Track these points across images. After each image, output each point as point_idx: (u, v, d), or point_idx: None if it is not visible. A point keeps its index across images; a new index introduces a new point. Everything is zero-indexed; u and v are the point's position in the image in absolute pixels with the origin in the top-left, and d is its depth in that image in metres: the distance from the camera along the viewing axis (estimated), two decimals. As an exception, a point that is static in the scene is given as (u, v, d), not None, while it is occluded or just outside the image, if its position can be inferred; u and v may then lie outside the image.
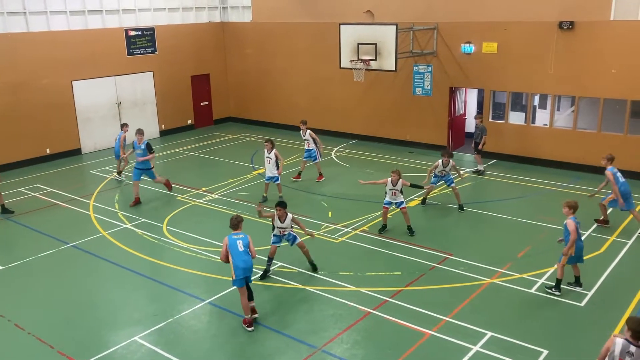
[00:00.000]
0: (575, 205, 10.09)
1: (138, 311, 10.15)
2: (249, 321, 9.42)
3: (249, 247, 9.41)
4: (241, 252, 9.29)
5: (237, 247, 9.30)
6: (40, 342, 9.19)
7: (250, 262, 9.39)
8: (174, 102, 23.80)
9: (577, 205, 10.10)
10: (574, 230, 9.88)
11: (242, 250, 9.31)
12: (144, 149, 15.27)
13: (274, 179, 15.06)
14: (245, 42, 24.68)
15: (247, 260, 9.31)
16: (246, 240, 9.44)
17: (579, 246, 10.10)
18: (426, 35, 19.34)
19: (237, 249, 9.29)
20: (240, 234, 9.48)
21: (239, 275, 9.25)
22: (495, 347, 8.67)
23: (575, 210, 10.08)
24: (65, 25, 20.29)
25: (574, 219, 10.00)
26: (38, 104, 19.57)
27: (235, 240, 9.36)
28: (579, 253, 10.16)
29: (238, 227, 9.56)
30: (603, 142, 16.83)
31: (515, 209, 14.45)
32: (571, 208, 10.08)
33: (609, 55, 16.22)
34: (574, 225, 9.91)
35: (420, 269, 11.27)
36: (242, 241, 9.38)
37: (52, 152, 20.16)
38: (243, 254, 9.29)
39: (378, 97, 20.98)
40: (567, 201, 10.22)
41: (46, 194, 16.55)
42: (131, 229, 13.63)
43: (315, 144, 16.58)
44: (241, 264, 9.23)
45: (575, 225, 9.93)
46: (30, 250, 12.64)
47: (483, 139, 17.18)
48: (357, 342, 8.98)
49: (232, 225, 9.54)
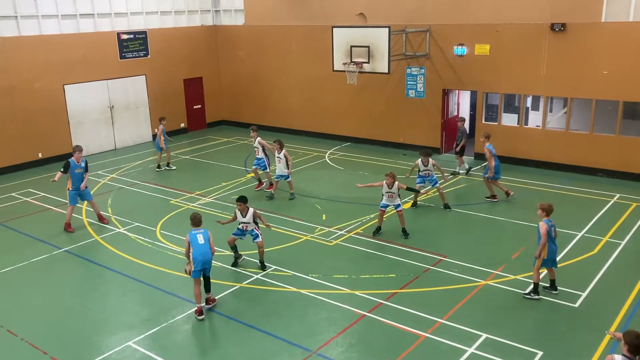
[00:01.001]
0: (548, 208, 10.06)
1: (132, 316, 10.10)
2: (200, 310, 9.91)
3: (209, 241, 9.99)
4: (201, 244, 9.88)
5: (197, 240, 9.90)
6: (33, 348, 9.12)
7: (209, 255, 9.94)
8: (166, 106, 23.72)
9: (550, 209, 10.06)
10: (544, 233, 9.85)
11: (202, 243, 9.91)
12: (83, 167, 13.88)
13: (284, 177, 15.59)
14: (238, 45, 24.66)
15: (206, 253, 9.87)
16: (206, 235, 10.06)
17: (551, 249, 10.02)
18: (419, 37, 19.39)
19: (197, 242, 9.88)
20: (201, 229, 10.11)
21: (197, 267, 9.82)
22: (490, 349, 8.67)
23: (548, 213, 10.04)
24: (57, 29, 20.21)
25: (547, 221, 9.97)
26: (30, 108, 19.46)
27: (195, 235, 9.97)
28: (552, 256, 10.10)
29: (199, 224, 10.18)
30: (595, 143, 16.92)
31: (509, 210, 14.49)
32: (544, 211, 10.06)
33: (601, 56, 16.31)
34: (545, 228, 9.88)
35: (414, 271, 11.27)
36: (203, 235, 10.00)
37: (44, 157, 20.04)
38: (202, 247, 9.87)
39: (371, 100, 21.01)
40: (541, 204, 10.19)
41: (38, 198, 16.45)
42: (124, 233, 13.57)
43: (264, 152, 16.14)
44: (200, 256, 9.78)
45: (547, 228, 9.89)
46: (23, 255, 12.55)
47: (462, 141, 17.25)
48: (352, 345, 8.96)
49: (194, 223, 10.16)
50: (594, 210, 14.17)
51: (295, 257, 12.01)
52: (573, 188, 15.99)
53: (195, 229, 10.09)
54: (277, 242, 12.75)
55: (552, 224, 10.02)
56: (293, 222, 13.94)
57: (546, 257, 9.99)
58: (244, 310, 10.07)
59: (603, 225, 13.29)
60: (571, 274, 11.00)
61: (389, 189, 12.80)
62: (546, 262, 10.05)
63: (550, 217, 10.05)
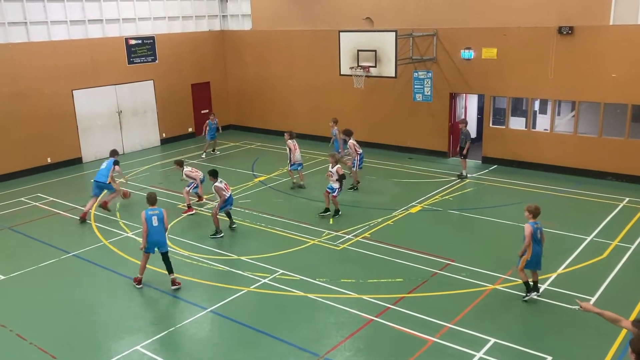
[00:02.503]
0: (534, 210, 10.01)
1: (139, 320, 10.13)
2: (139, 280, 11.01)
3: (163, 221, 10.79)
4: (155, 227, 10.74)
5: (152, 222, 10.73)
6: (42, 352, 9.15)
7: (162, 236, 10.81)
8: (174, 111, 23.83)
9: (536, 211, 10.00)
10: (528, 235, 9.84)
11: (156, 225, 10.74)
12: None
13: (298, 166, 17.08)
14: (245, 50, 24.75)
15: (158, 234, 10.77)
16: (161, 214, 10.81)
17: (536, 251, 9.98)
18: (426, 41, 19.38)
19: (152, 224, 10.73)
20: (156, 210, 10.85)
21: (150, 246, 10.83)
22: (499, 354, 8.63)
23: (534, 215, 10.00)
24: (66, 34, 20.36)
25: (532, 224, 9.94)
26: (39, 113, 19.61)
27: (151, 216, 10.75)
28: (537, 259, 10.05)
29: (154, 203, 10.98)
30: (604, 147, 16.83)
31: (517, 214, 14.36)
32: (530, 212, 10.03)
33: (609, 59, 16.23)
34: (529, 229, 9.86)
35: (422, 276, 11.24)
36: (157, 216, 10.77)
37: (53, 162, 20.17)
38: (156, 229, 10.74)
39: (378, 104, 21.00)
40: (528, 205, 10.17)
41: (47, 203, 16.55)
42: (132, 237, 13.61)
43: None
44: (153, 236, 10.75)
45: (532, 229, 9.86)
46: (32, 259, 12.62)
47: (467, 144, 17.17)
48: (360, 350, 8.94)
49: (149, 202, 10.96)
50: (603, 214, 14.08)
51: (302, 262, 12.01)
52: (582, 192, 15.91)
53: (151, 208, 10.82)
54: (284, 247, 12.76)
55: (537, 227, 10.00)
56: (300, 227, 13.94)
57: (530, 259, 9.97)
58: (252, 314, 10.06)
59: (612, 229, 13.20)
60: (580, 278, 10.94)
61: (330, 169, 14.02)
62: (530, 263, 10.03)
63: (537, 219, 10.03)
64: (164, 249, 10.95)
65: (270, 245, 12.92)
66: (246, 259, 12.21)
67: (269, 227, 14.05)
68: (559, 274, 11.10)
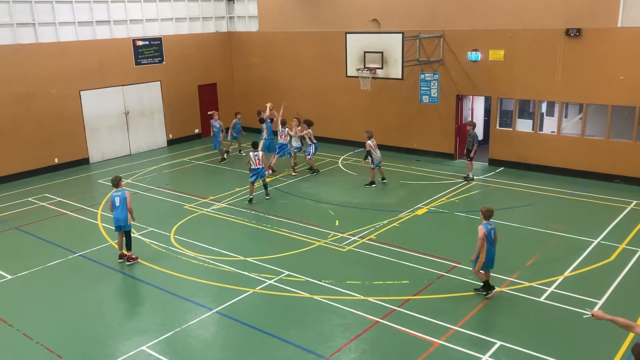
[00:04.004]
0: (486, 212, 10.07)
1: (145, 320, 10.15)
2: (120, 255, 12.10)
3: (124, 203, 11.64)
4: (117, 207, 11.72)
5: (115, 203, 11.71)
6: (48, 351, 9.19)
7: (121, 215, 11.67)
8: (181, 112, 23.89)
9: (488, 213, 10.05)
10: (481, 237, 9.90)
11: (118, 205, 11.69)
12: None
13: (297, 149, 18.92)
14: (251, 51, 24.79)
15: (118, 214, 11.70)
16: (122, 196, 11.70)
17: (490, 252, 10.03)
18: (432, 43, 19.35)
19: (115, 205, 11.72)
20: (119, 191, 11.78)
21: (114, 223, 11.87)
22: (505, 357, 8.60)
23: (486, 217, 10.05)
24: (74, 35, 20.45)
25: (486, 225, 9.99)
26: (46, 114, 19.71)
27: (114, 197, 11.75)
28: (491, 259, 10.09)
29: (118, 185, 11.91)
30: (612, 149, 16.75)
31: (523, 216, 14.37)
32: (482, 214, 10.11)
33: (617, 62, 16.16)
34: (482, 231, 9.91)
35: (428, 278, 11.21)
36: (119, 197, 11.70)
37: (60, 162, 20.26)
38: (118, 209, 11.71)
39: (384, 106, 20.98)
40: (481, 207, 10.25)
41: (54, 203, 16.62)
42: (139, 238, 13.64)
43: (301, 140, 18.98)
44: (115, 214, 11.77)
45: (485, 231, 9.89)
46: (39, 259, 12.68)
47: (474, 147, 17.10)
48: (365, 352, 8.93)
49: (113, 184, 11.96)
50: (610, 217, 14.01)
51: (308, 263, 12.00)
52: (589, 194, 15.83)
53: (115, 190, 11.78)
54: (290, 248, 12.76)
55: (491, 228, 10.04)
56: (306, 228, 13.94)
57: (485, 260, 10.01)
58: (257, 315, 10.06)
59: (620, 232, 13.13)
60: (587, 281, 10.88)
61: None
62: (485, 264, 10.08)
63: (490, 220, 10.08)
64: (126, 227, 11.89)
65: (276, 247, 12.93)
66: (252, 260, 12.22)
67: (274, 228, 14.06)
68: (565, 277, 11.05)
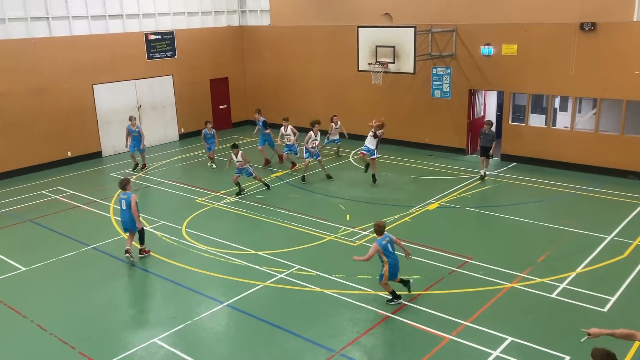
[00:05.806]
0: (377, 228, 9.89)
1: (157, 313, 10.23)
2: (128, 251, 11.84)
3: (129, 206, 11.67)
4: (123, 210, 11.84)
5: (121, 205, 11.84)
6: (61, 342, 9.30)
7: (126, 217, 11.80)
8: (193, 106, 23.97)
9: (379, 228, 9.86)
10: (370, 253, 9.76)
11: (124, 208, 11.79)
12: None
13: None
14: (263, 45, 24.78)
15: (124, 216, 11.87)
16: (128, 199, 11.74)
17: (394, 263, 9.86)
18: (445, 37, 19.23)
19: (121, 207, 11.86)
20: (126, 194, 11.81)
21: (123, 227, 12.09)
22: (516, 353, 8.56)
23: (378, 232, 9.88)
24: (87, 29, 20.57)
25: (379, 242, 9.81)
26: (60, 108, 19.86)
27: (121, 200, 11.86)
28: (396, 270, 9.93)
29: (126, 188, 11.93)
30: (626, 145, 16.58)
31: (536, 212, 14.28)
32: (375, 231, 9.97)
33: (632, 56, 15.96)
34: (373, 249, 9.76)
35: (439, 273, 11.19)
36: (125, 201, 11.77)
37: (73, 155, 20.43)
38: (123, 212, 11.86)
39: (396, 100, 20.91)
40: (375, 223, 10.03)
41: (67, 196, 16.77)
42: (151, 231, 13.73)
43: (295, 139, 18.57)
44: (122, 217, 11.95)
45: (378, 247, 9.73)
46: (52, 252, 12.81)
47: (493, 145, 16.87)
48: (375, 347, 8.94)
49: (121, 187, 11.98)
50: (624, 213, 13.88)
51: (319, 257, 12.02)
52: (602, 190, 15.69)
53: (123, 193, 11.84)
54: (301, 242, 12.79)
55: (387, 242, 9.86)
56: (317, 222, 13.96)
57: (390, 272, 9.87)
58: (268, 309, 10.10)
59: (633, 228, 13.01)
60: (600, 277, 10.80)
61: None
62: (391, 275, 9.91)
63: (384, 234, 9.90)
64: (133, 229, 11.94)
65: (286, 241, 12.96)
66: (263, 254, 12.26)
67: (285, 222, 14.09)
68: (578, 273, 10.98)
